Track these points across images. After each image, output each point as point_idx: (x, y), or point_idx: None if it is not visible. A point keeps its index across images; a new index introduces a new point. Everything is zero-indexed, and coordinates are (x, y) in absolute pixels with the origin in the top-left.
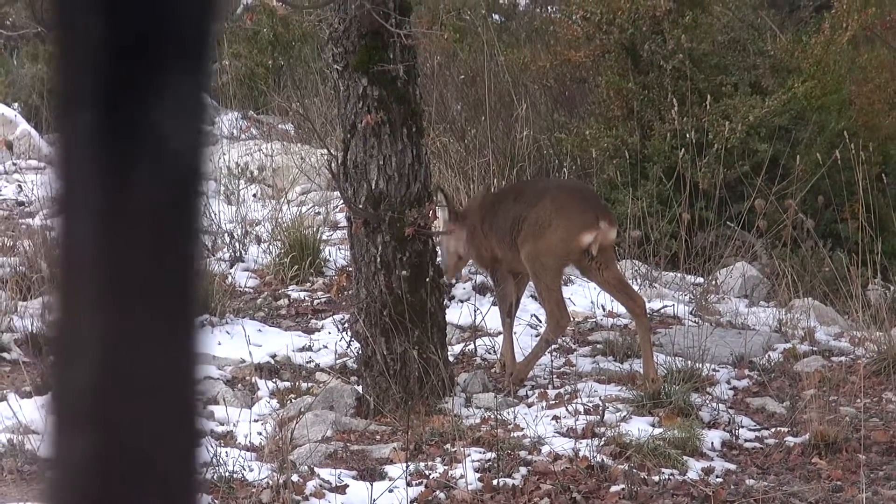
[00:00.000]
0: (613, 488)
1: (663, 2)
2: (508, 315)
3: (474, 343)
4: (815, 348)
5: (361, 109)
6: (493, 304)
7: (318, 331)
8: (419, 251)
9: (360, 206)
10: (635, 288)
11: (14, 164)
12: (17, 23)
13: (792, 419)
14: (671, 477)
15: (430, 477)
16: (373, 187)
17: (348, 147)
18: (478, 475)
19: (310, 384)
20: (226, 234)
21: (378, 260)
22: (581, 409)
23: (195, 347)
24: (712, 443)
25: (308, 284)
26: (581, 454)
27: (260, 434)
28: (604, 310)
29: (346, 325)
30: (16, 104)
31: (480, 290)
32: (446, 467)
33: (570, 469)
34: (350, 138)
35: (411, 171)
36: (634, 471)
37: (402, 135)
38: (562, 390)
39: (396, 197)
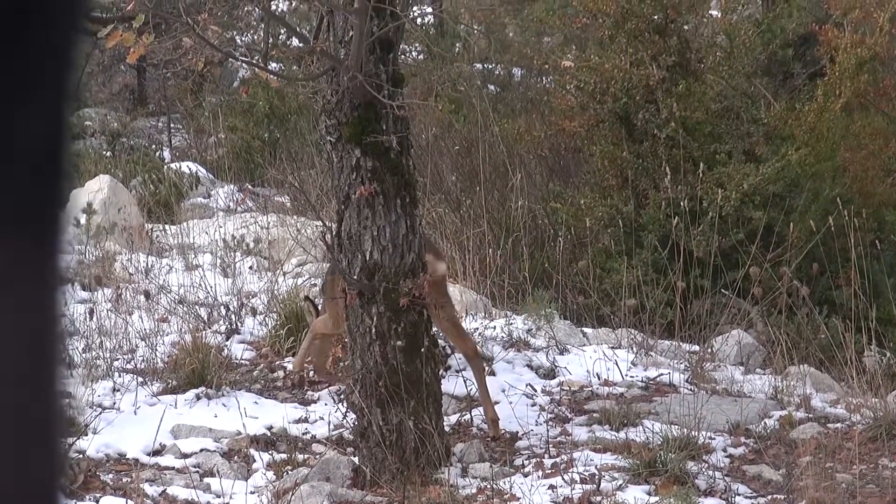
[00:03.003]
0: None
1: (656, 71)
2: (312, 338)
3: (470, 413)
4: (811, 415)
5: (355, 180)
6: (488, 373)
7: (315, 402)
8: (414, 322)
9: (355, 277)
10: (630, 357)
11: None
12: None
13: (788, 486)
14: None
15: None
16: (367, 258)
17: (342, 218)
18: None
19: (306, 456)
20: (222, 307)
21: (373, 331)
22: (577, 478)
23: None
24: None
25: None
26: None
27: None
28: (599, 378)
29: (342, 396)
30: None
31: None
32: None
33: None
34: (344, 209)
35: (405, 241)
36: None
37: (395, 205)
38: (558, 459)
39: (391, 268)
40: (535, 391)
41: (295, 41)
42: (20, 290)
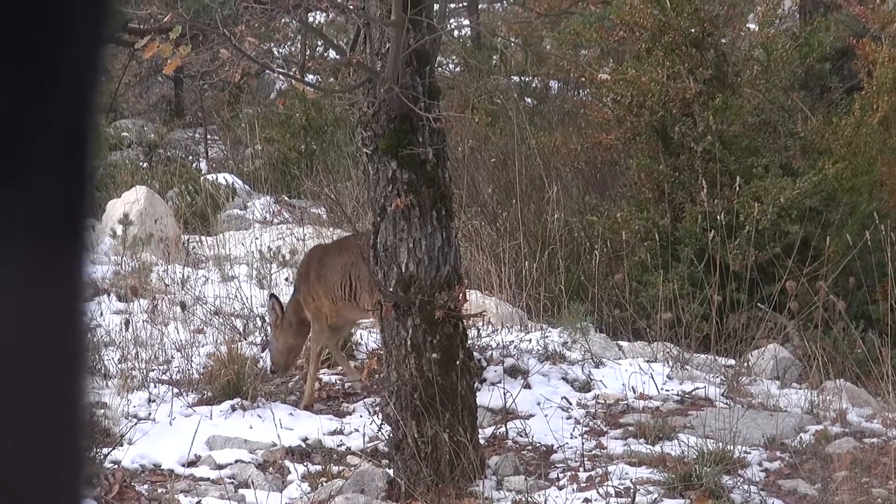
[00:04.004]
0: None
1: (693, 84)
2: (317, 356)
3: (505, 426)
4: (846, 430)
5: (391, 193)
6: (523, 386)
7: (350, 414)
8: (449, 334)
9: (391, 290)
10: (666, 371)
11: None
12: None
13: (824, 501)
14: None
15: None
16: (403, 270)
17: (378, 230)
18: None
19: (341, 468)
20: (258, 318)
21: (408, 343)
22: (612, 491)
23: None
24: None
25: (339, 368)
26: None
27: None
28: (635, 392)
29: (377, 408)
30: None
31: (511, 372)
32: None
33: None
34: (380, 221)
35: (441, 253)
36: None
37: (431, 218)
38: (593, 473)
39: (426, 280)
40: (571, 404)
41: (332, 53)
42: (44, 297)
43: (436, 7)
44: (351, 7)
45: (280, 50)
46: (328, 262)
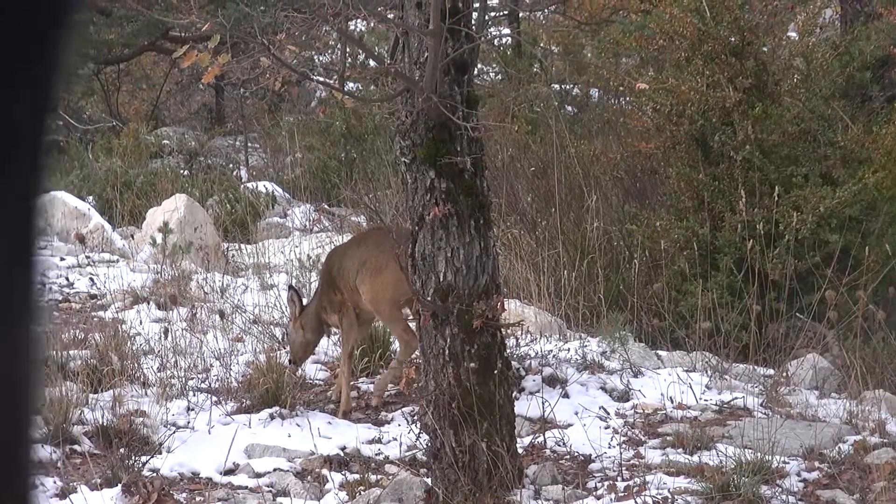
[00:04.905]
0: None
1: (733, 93)
2: (349, 356)
3: (543, 435)
4: (885, 440)
5: (429, 202)
6: (561, 395)
7: (388, 423)
8: (487, 343)
9: (429, 299)
10: (705, 380)
11: (87, 258)
12: (92, 116)
13: None
14: None
15: None
16: (441, 279)
17: (416, 239)
18: None
19: (379, 476)
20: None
21: (446, 352)
22: (650, 501)
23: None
24: None
25: (378, 377)
26: None
27: None
28: (673, 401)
29: (415, 417)
30: (90, 198)
31: (550, 382)
32: None
33: None
34: (418, 230)
35: (479, 263)
36: None
37: (469, 227)
38: (631, 482)
39: (464, 289)
40: (609, 414)
41: (372, 62)
42: None
43: (474, 16)
44: (390, 16)
45: (321, 58)
46: (348, 253)
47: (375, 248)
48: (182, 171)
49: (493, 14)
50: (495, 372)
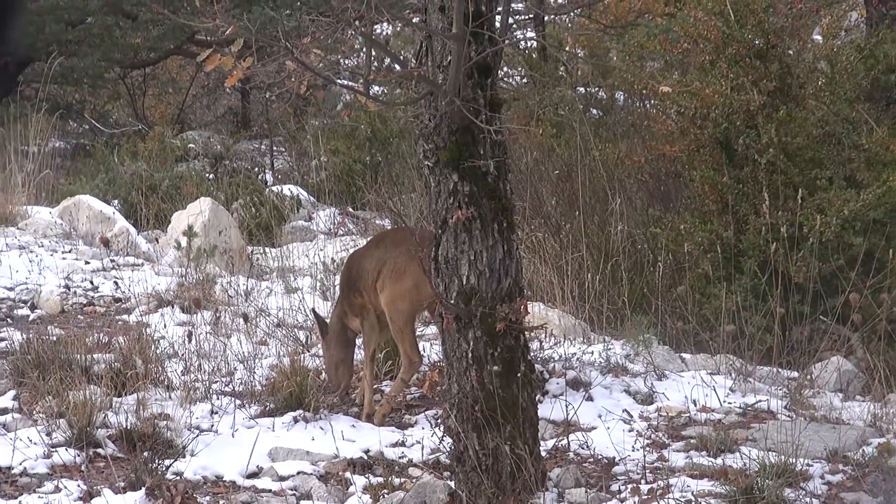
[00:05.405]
0: None
1: (757, 96)
2: (371, 359)
3: (567, 438)
4: None
5: (452, 205)
6: (585, 398)
7: (412, 426)
8: (510, 346)
9: (452, 302)
10: (729, 383)
11: (112, 261)
12: (118, 120)
13: None
14: None
15: None
16: (464, 283)
17: (439, 242)
18: None
19: (402, 480)
20: (313, 334)
21: (470, 355)
22: (674, 503)
23: None
24: None
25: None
26: None
27: None
28: (697, 404)
29: (438, 420)
30: (115, 201)
31: (574, 385)
32: None
33: None
34: (441, 234)
35: (502, 266)
36: None
37: (493, 230)
38: (654, 485)
39: (487, 292)
40: (633, 417)
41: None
42: None
43: (498, 20)
44: (414, 20)
45: (346, 62)
46: (367, 254)
47: (394, 248)
48: (207, 175)
49: (517, 17)
50: (518, 375)
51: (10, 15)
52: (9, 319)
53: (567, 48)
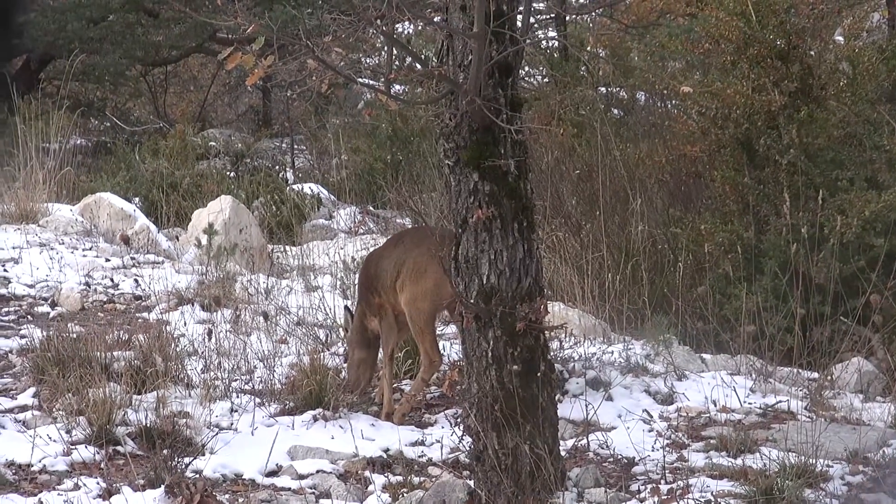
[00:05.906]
0: None
1: (778, 97)
2: (390, 358)
3: (586, 438)
4: None
5: (472, 204)
6: (605, 398)
7: (432, 425)
8: (530, 346)
9: (472, 301)
10: (749, 384)
11: (132, 259)
12: (140, 118)
13: None
14: None
15: None
16: (484, 282)
17: (460, 242)
18: None
19: (422, 478)
20: (341, 329)
21: (489, 355)
22: None
23: None
24: None
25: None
26: None
27: None
28: (717, 405)
29: (458, 419)
30: (136, 199)
31: (593, 384)
32: None
33: None
34: (461, 233)
35: (522, 265)
36: None
37: (513, 230)
38: (674, 485)
39: (507, 292)
40: (652, 417)
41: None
42: None
43: (519, 19)
44: (435, 19)
45: (367, 61)
46: (385, 254)
47: (414, 247)
48: (228, 173)
49: (538, 17)
50: (538, 374)
51: (10, 15)
52: (29, 316)
53: (588, 48)
